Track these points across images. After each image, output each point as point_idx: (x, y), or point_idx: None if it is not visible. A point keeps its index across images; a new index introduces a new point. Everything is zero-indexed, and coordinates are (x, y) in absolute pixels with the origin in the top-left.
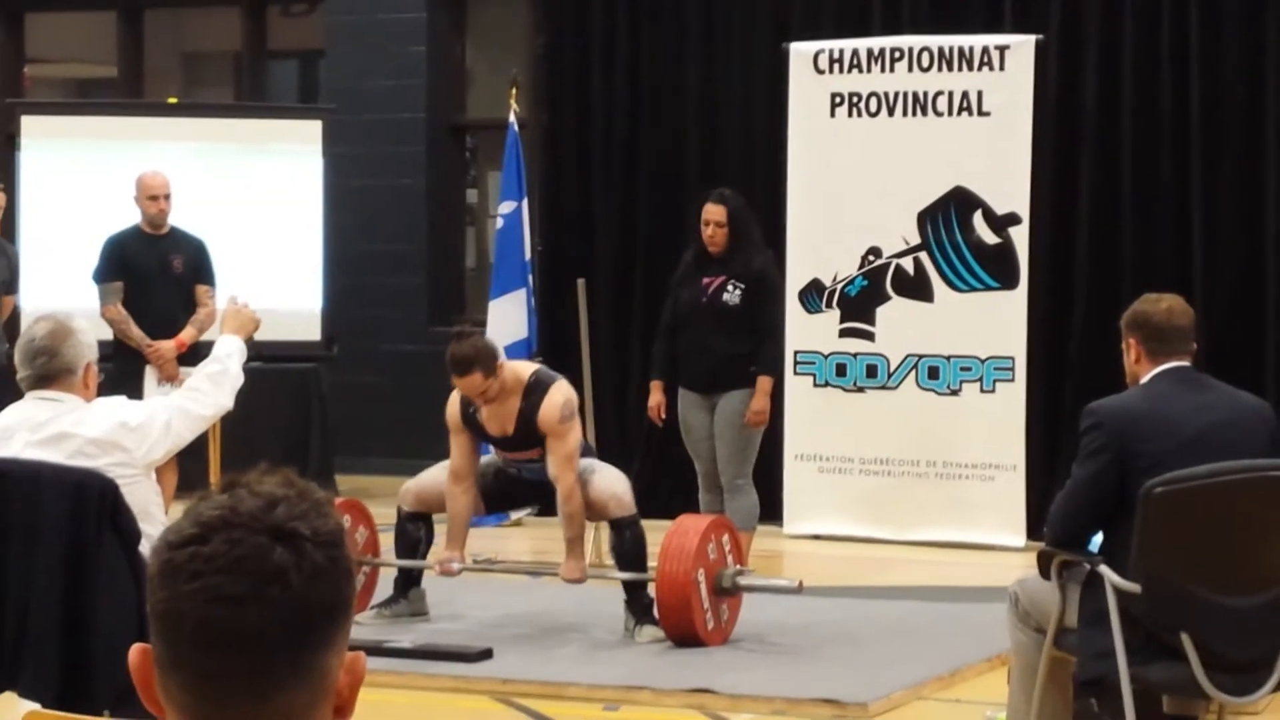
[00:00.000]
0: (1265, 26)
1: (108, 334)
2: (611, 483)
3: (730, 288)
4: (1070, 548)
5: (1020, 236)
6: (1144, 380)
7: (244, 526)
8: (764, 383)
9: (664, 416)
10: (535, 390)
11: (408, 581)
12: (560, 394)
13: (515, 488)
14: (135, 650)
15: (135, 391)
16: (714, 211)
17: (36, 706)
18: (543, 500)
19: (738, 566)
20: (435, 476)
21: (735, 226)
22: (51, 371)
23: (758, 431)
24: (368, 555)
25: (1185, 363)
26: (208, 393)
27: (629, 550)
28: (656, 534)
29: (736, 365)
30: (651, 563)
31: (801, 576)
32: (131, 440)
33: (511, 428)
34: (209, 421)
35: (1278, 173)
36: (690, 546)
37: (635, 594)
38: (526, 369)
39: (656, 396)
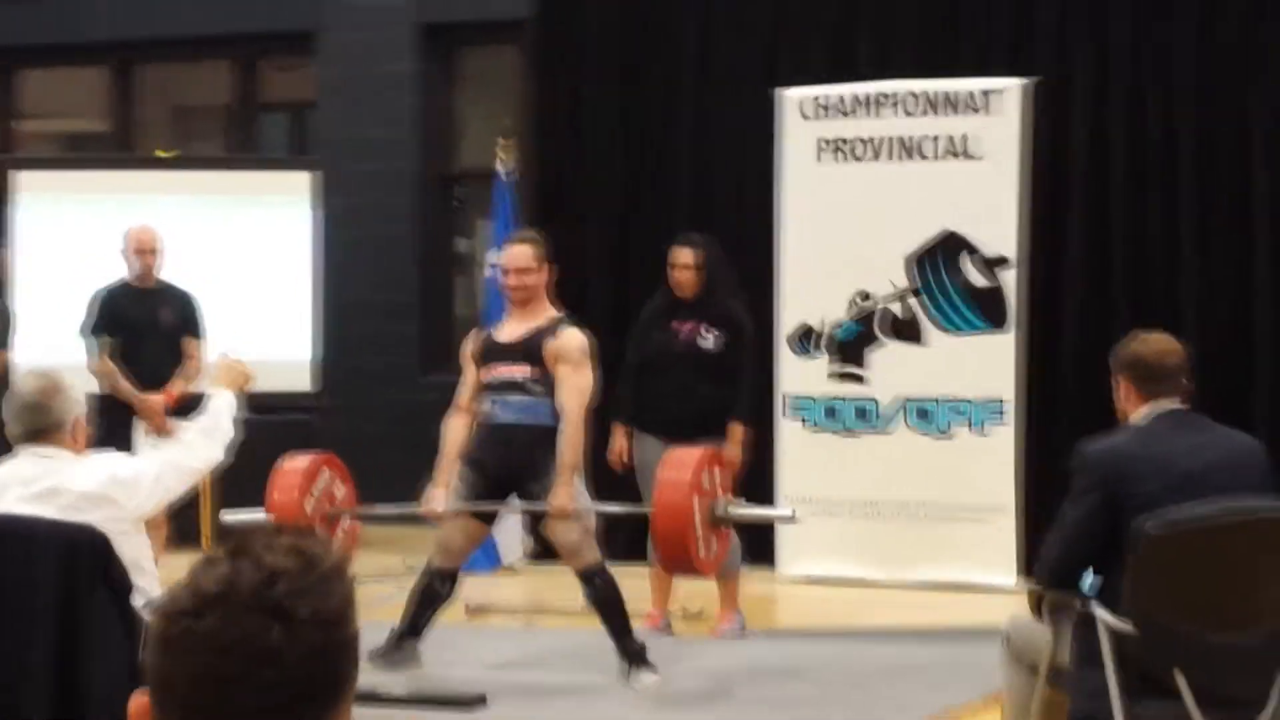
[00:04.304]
0: (1254, 67)
1: (97, 387)
2: (571, 540)
3: (704, 332)
4: (1062, 587)
5: (1010, 279)
6: (1135, 419)
7: (242, 604)
8: (737, 430)
9: (625, 461)
10: (561, 322)
11: (408, 633)
12: (583, 335)
13: (486, 481)
14: (136, 698)
15: (126, 444)
16: (683, 255)
17: None
18: (516, 488)
19: (729, 498)
20: (449, 531)
21: (705, 271)
22: (41, 427)
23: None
24: (346, 509)
25: (1177, 402)
26: (199, 446)
27: (603, 599)
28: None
29: (711, 411)
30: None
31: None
32: (122, 494)
33: (521, 337)
34: (200, 475)
35: (1269, 213)
36: (685, 477)
37: (623, 641)
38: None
39: (621, 441)
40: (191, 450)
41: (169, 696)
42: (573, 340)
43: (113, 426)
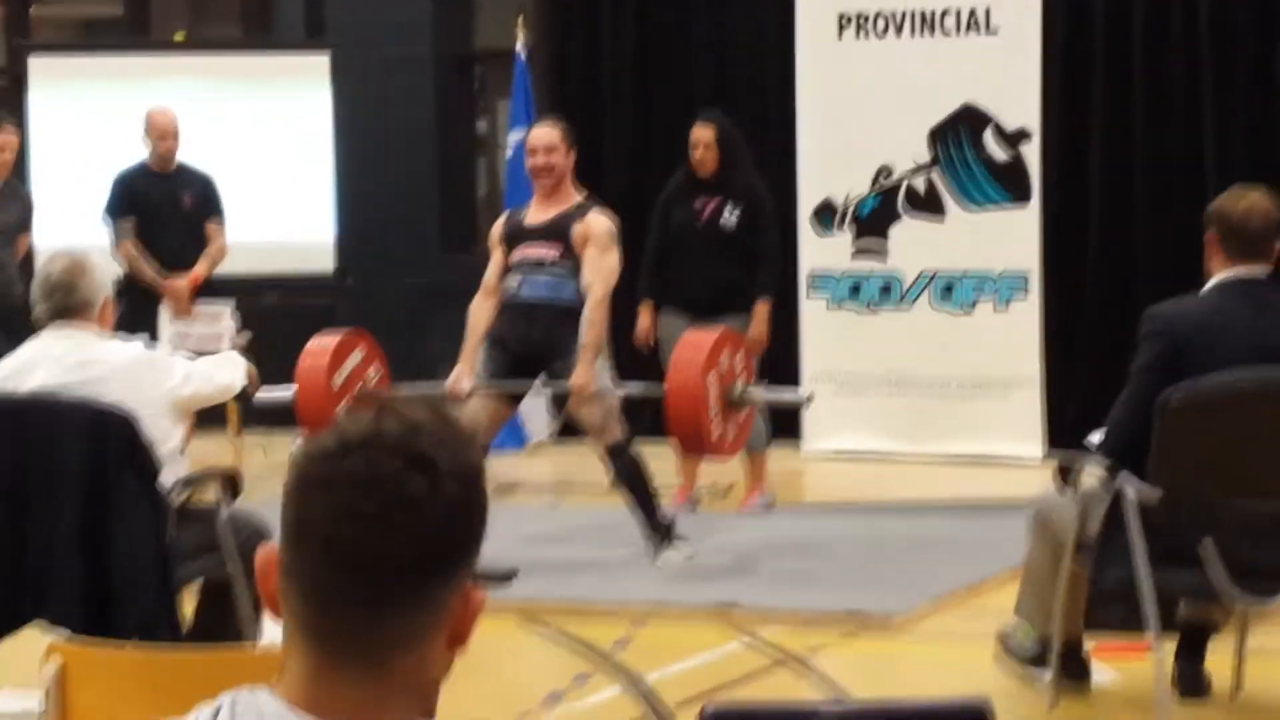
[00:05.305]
0: None
1: (120, 271)
2: (595, 419)
3: (728, 210)
4: (1123, 457)
5: (1031, 152)
6: (1210, 285)
7: (385, 449)
8: (762, 308)
9: (653, 339)
10: (587, 204)
11: None
12: (609, 218)
13: (509, 359)
14: (263, 549)
15: (150, 327)
16: (702, 132)
17: (62, 637)
18: (540, 367)
19: (747, 380)
20: (474, 412)
21: (725, 147)
22: (69, 306)
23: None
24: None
25: (1258, 269)
26: (223, 367)
27: (628, 475)
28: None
29: (735, 290)
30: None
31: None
32: (152, 373)
33: (549, 219)
34: (219, 391)
35: None
36: (699, 358)
37: (649, 517)
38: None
39: (646, 319)
40: (216, 367)
41: (305, 536)
42: (601, 223)
43: (136, 309)
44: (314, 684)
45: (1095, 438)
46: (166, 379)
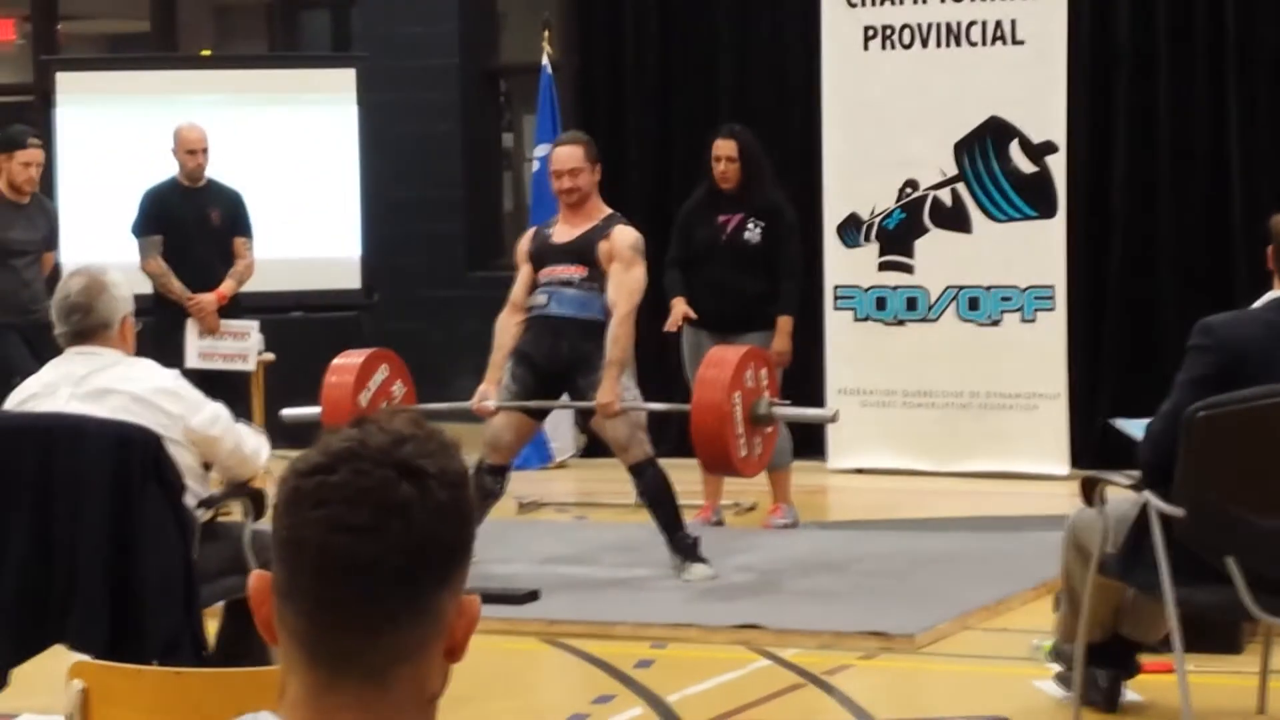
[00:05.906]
0: None
1: (147, 287)
2: (621, 435)
3: (750, 225)
4: (1162, 471)
5: (1057, 164)
6: (1263, 300)
7: (371, 459)
8: (785, 323)
9: (689, 318)
10: (612, 220)
11: None
12: (634, 232)
13: (535, 375)
14: (255, 576)
15: (177, 344)
16: (725, 147)
17: (86, 658)
18: (565, 383)
19: (772, 399)
20: (499, 428)
21: (747, 161)
22: (88, 327)
23: (777, 370)
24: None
25: None
26: (255, 439)
27: (653, 492)
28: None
29: (759, 305)
30: (683, 501)
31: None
32: (172, 404)
33: (575, 238)
34: (237, 451)
35: None
36: (724, 376)
37: (674, 535)
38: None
39: (681, 308)
40: (251, 433)
41: (297, 554)
42: (625, 238)
43: (163, 327)
44: (315, 703)
45: (1125, 425)
46: (192, 414)
